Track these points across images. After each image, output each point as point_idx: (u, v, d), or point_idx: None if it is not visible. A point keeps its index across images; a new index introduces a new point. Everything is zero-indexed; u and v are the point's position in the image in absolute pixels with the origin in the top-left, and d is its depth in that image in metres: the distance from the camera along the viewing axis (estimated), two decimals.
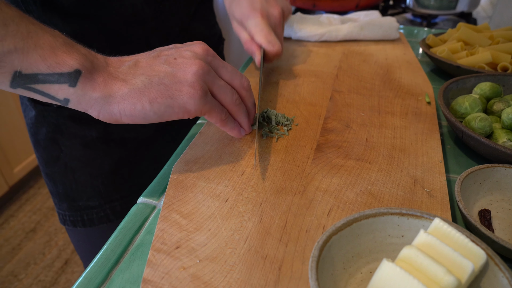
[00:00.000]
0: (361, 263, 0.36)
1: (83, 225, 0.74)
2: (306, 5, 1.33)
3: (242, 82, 0.50)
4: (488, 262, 0.32)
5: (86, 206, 0.73)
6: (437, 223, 0.34)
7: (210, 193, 0.44)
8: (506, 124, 0.52)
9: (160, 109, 0.42)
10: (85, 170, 0.71)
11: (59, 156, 0.70)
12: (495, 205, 0.46)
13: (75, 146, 0.69)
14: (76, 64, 0.39)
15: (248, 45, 0.66)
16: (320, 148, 0.51)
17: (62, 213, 0.74)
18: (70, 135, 0.68)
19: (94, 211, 0.73)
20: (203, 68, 0.44)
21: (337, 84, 0.69)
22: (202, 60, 0.45)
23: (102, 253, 0.40)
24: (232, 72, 0.49)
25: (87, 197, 0.72)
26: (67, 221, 0.74)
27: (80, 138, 0.68)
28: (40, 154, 0.71)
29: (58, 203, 0.74)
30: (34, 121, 0.68)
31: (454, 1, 1.25)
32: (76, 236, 0.80)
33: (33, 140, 0.71)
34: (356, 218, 0.35)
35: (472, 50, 0.77)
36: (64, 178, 0.71)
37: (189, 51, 0.45)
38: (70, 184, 0.71)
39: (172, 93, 0.42)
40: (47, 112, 0.66)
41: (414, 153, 0.51)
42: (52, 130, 0.68)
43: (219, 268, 0.36)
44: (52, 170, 0.71)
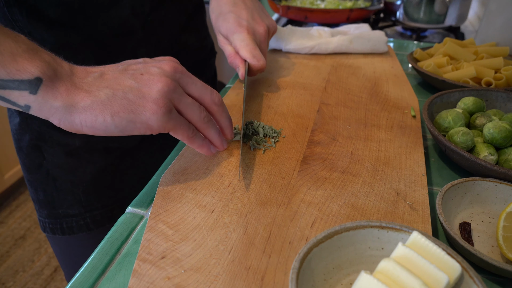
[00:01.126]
0: (341, 275, 0.37)
1: (62, 233, 0.74)
2: (298, 17, 1.35)
3: (213, 98, 0.49)
4: (463, 274, 0.33)
5: (66, 214, 0.73)
6: (415, 237, 0.35)
7: (196, 204, 0.45)
8: (488, 139, 0.53)
9: (122, 123, 0.42)
10: (67, 178, 0.71)
11: (41, 163, 0.70)
12: (475, 218, 0.47)
13: (58, 154, 0.69)
14: (37, 71, 0.39)
15: (232, 58, 0.67)
16: (306, 161, 0.53)
17: (42, 220, 0.74)
18: (53, 143, 0.68)
19: (74, 219, 0.73)
20: (168, 85, 0.44)
21: (325, 97, 0.70)
22: (169, 77, 0.45)
23: (89, 262, 0.41)
24: (201, 88, 0.48)
25: (67, 205, 0.72)
26: (47, 228, 0.74)
27: (63, 147, 0.68)
28: (23, 160, 0.72)
29: (38, 210, 0.74)
30: (18, 127, 0.69)
31: (443, 15, 1.27)
32: (56, 244, 0.80)
33: (16, 147, 0.71)
34: (337, 230, 0.36)
35: (457, 64, 0.79)
36: (45, 185, 0.71)
37: (157, 67, 0.45)
38: (51, 192, 0.71)
39: (135, 108, 0.42)
40: (30, 120, 0.66)
41: (398, 166, 0.52)
42: (35, 138, 0.68)
43: (203, 278, 0.37)
44: (34, 177, 0.71)
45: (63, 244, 0.78)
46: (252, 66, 0.65)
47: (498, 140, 0.52)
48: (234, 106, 0.66)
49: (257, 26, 0.69)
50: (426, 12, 1.29)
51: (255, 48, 0.65)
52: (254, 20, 0.69)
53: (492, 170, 0.48)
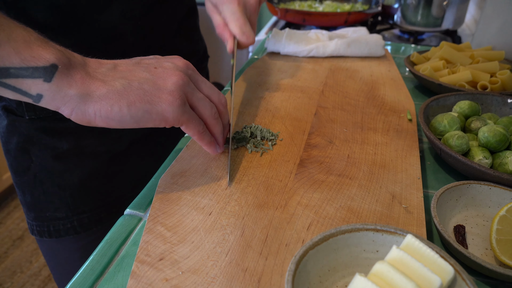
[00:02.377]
0: (337, 277, 0.37)
1: (49, 236, 0.73)
2: (296, 19, 1.36)
3: (220, 98, 0.51)
4: (456, 277, 0.34)
5: (53, 217, 0.72)
6: (409, 239, 0.35)
7: (194, 206, 0.46)
8: (482, 142, 0.54)
9: (138, 114, 0.41)
10: (54, 181, 0.70)
11: (29, 166, 0.69)
12: (470, 221, 0.48)
13: (46, 157, 0.68)
14: (53, 58, 0.38)
15: (221, 30, 0.65)
16: (303, 164, 0.53)
17: (30, 222, 0.74)
18: (41, 146, 0.68)
19: (61, 222, 0.73)
20: (183, 79, 0.45)
21: (322, 100, 0.70)
22: (182, 72, 0.46)
23: (88, 263, 0.41)
24: (210, 87, 0.50)
25: (55, 208, 0.72)
26: (34, 231, 0.74)
27: (51, 150, 0.68)
28: (11, 163, 0.71)
29: (26, 213, 0.74)
30: (5, 130, 0.68)
31: (440, 19, 1.28)
32: (44, 246, 0.79)
33: (4, 149, 0.71)
34: (332, 233, 0.37)
35: (453, 68, 0.79)
36: (33, 188, 0.71)
37: (170, 62, 0.46)
38: (38, 195, 0.71)
39: (151, 99, 0.42)
40: (18, 122, 0.66)
41: (394, 169, 0.53)
42: (23, 140, 0.67)
43: (200, 280, 0.37)
44: (22, 179, 0.71)
45: (51, 246, 0.78)
46: (241, 42, 0.64)
47: (493, 143, 0.53)
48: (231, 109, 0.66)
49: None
50: (424, 16, 1.30)
51: (245, 23, 0.63)
52: None
53: (487, 174, 0.49)
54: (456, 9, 1.27)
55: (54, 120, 0.66)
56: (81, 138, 0.69)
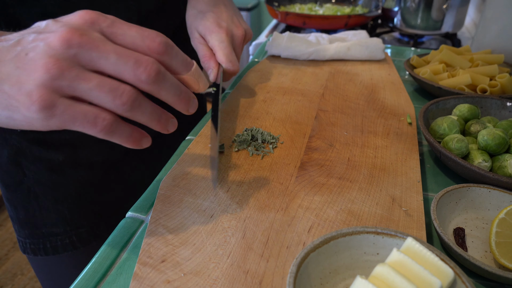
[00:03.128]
0: (337, 279, 0.37)
1: (45, 253, 0.70)
2: (296, 22, 1.36)
3: (150, 47, 0.36)
4: (456, 279, 0.34)
5: (50, 233, 0.70)
6: (410, 242, 0.36)
7: (196, 208, 0.46)
8: (482, 146, 0.54)
9: (1, 120, 0.34)
10: (50, 194, 0.68)
11: (21, 180, 0.67)
12: (469, 224, 0.48)
13: (40, 170, 0.66)
14: None
15: (207, 59, 0.65)
16: (304, 167, 0.53)
17: (22, 240, 0.71)
18: (34, 159, 0.66)
19: (59, 238, 0.70)
20: (49, 70, 0.32)
21: (322, 103, 0.71)
22: (56, 57, 0.32)
23: (90, 266, 0.42)
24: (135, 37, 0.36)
25: (52, 223, 0.69)
26: (27, 249, 0.70)
27: (46, 162, 0.66)
28: (1, 177, 0.68)
29: (18, 230, 0.71)
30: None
31: (440, 22, 1.29)
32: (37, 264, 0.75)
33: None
34: (333, 236, 0.37)
35: (453, 71, 0.80)
36: (27, 203, 0.68)
37: (44, 42, 0.32)
38: (33, 210, 0.68)
39: (9, 103, 0.33)
40: (9, 135, 0.64)
41: (394, 172, 0.53)
42: (15, 153, 0.65)
43: (202, 282, 0.37)
44: (14, 194, 0.68)
45: (45, 264, 0.74)
46: (226, 70, 0.64)
47: (492, 147, 0.53)
48: (232, 112, 0.67)
49: (235, 29, 0.68)
50: (423, 19, 1.31)
51: (232, 53, 0.64)
52: (233, 23, 0.68)
53: (486, 177, 0.49)
54: (455, 12, 1.28)
55: (47, 132, 0.64)
56: (76, 149, 0.67)
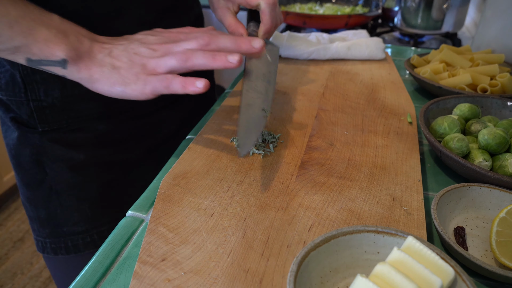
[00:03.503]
0: (338, 278, 0.37)
1: (66, 252, 0.71)
2: (297, 22, 1.36)
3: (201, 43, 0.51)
4: (456, 278, 0.34)
5: (72, 232, 0.70)
6: (410, 241, 0.36)
7: (196, 207, 0.46)
8: (482, 145, 0.54)
9: (119, 91, 0.50)
10: (72, 193, 0.69)
11: (43, 179, 0.67)
12: (470, 223, 0.48)
13: (61, 169, 0.67)
14: (62, 55, 0.48)
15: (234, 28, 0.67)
16: (304, 166, 0.53)
17: (41, 240, 0.71)
18: (56, 158, 0.66)
19: (80, 237, 0.70)
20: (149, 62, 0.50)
21: (323, 103, 0.71)
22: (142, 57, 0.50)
23: (90, 265, 0.42)
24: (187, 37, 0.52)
25: (73, 222, 0.70)
26: (47, 248, 0.71)
27: (67, 161, 0.66)
28: (21, 177, 0.69)
29: (37, 229, 0.71)
30: (16, 142, 0.66)
31: (440, 21, 1.29)
32: (54, 264, 0.76)
33: (14, 163, 0.69)
34: (334, 235, 0.37)
35: (453, 71, 0.80)
36: (48, 202, 0.69)
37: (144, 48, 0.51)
38: (55, 209, 0.69)
39: (124, 81, 0.49)
40: (31, 134, 0.65)
41: (394, 172, 0.53)
42: (37, 152, 0.66)
43: (202, 280, 0.37)
44: (35, 193, 0.69)
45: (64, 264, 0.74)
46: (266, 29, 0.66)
47: (493, 146, 0.53)
48: (232, 111, 0.67)
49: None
50: (424, 19, 1.30)
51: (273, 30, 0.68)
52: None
53: (487, 176, 0.49)
54: (456, 12, 1.28)
55: (68, 131, 0.65)
56: (96, 148, 0.68)
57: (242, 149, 0.47)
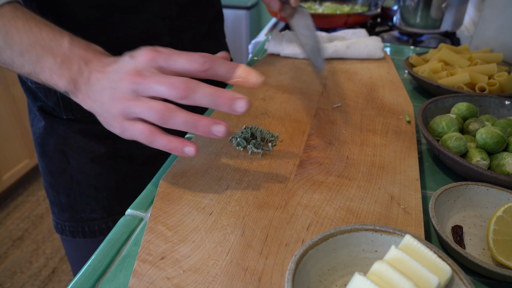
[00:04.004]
0: (336, 276, 0.38)
1: (83, 236, 0.75)
2: None
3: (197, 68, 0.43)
4: (453, 277, 0.34)
5: (89, 218, 0.74)
6: (408, 240, 0.36)
7: (195, 206, 0.46)
8: (480, 144, 0.55)
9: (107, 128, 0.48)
10: (91, 183, 0.72)
11: (66, 168, 0.71)
12: (467, 221, 0.48)
13: (83, 160, 0.70)
14: (64, 87, 0.47)
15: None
16: (303, 165, 0.54)
17: (61, 223, 0.75)
18: (78, 149, 0.70)
19: (96, 223, 0.75)
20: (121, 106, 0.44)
21: (322, 102, 0.71)
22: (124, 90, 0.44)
23: (90, 263, 0.42)
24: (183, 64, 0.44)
25: (91, 209, 0.74)
26: (66, 231, 0.75)
27: (89, 153, 0.70)
28: (46, 164, 0.73)
29: (57, 213, 0.75)
30: (42, 131, 0.70)
31: (439, 20, 1.29)
32: (71, 246, 0.80)
33: (39, 150, 0.72)
34: (332, 233, 0.37)
35: (452, 70, 0.80)
36: (69, 189, 0.72)
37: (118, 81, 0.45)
38: (75, 196, 0.73)
39: (109, 122, 0.46)
40: (56, 124, 0.68)
41: (392, 170, 0.53)
42: (61, 142, 0.69)
43: (201, 279, 0.38)
44: (57, 181, 0.72)
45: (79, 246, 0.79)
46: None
47: (490, 145, 0.53)
48: None
49: None
50: (423, 18, 1.30)
51: None
52: None
53: (484, 175, 0.49)
54: (454, 11, 1.28)
55: (91, 122, 0.67)
56: (117, 142, 0.71)
57: (319, 66, 0.54)
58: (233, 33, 2.68)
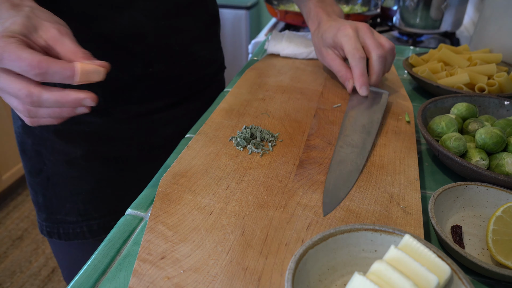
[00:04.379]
0: (336, 276, 0.38)
1: (58, 238, 0.75)
2: (296, 21, 1.36)
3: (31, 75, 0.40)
4: (453, 276, 0.34)
5: (63, 220, 0.73)
6: (407, 240, 0.36)
7: (195, 206, 0.46)
8: (479, 144, 0.55)
9: None
10: (66, 186, 0.71)
11: (42, 169, 0.70)
12: (467, 221, 0.48)
13: (58, 162, 0.69)
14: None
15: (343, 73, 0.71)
16: (303, 164, 0.54)
17: (40, 222, 0.75)
18: (53, 150, 0.69)
19: (71, 226, 0.74)
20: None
21: (321, 102, 0.71)
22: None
23: (90, 263, 0.42)
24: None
25: (65, 212, 0.73)
26: (44, 231, 0.75)
27: (64, 155, 0.69)
28: (25, 163, 0.73)
29: (37, 212, 0.75)
30: (21, 130, 0.69)
31: (439, 21, 1.29)
32: (55, 246, 0.81)
33: (20, 149, 0.72)
34: (332, 233, 0.37)
35: (451, 70, 0.80)
36: (45, 190, 0.72)
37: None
38: (50, 197, 0.72)
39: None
40: None
41: (392, 170, 0.53)
42: (37, 143, 0.68)
43: (201, 278, 0.38)
44: (35, 180, 0.72)
45: (61, 246, 0.79)
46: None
47: (490, 145, 0.54)
48: (231, 110, 0.67)
49: (359, 24, 0.71)
50: (422, 18, 1.31)
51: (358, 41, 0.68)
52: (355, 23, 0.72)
53: (484, 175, 0.49)
54: (454, 11, 1.28)
55: (67, 123, 0.66)
56: (93, 144, 0.70)
57: (326, 207, 0.46)
58: (233, 33, 2.68)
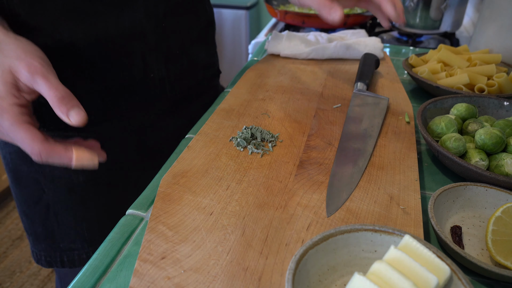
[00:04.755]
0: (336, 276, 0.38)
1: (61, 266, 0.71)
2: (295, 21, 1.37)
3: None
4: (452, 276, 0.34)
5: (68, 248, 0.70)
6: (407, 240, 0.36)
7: (196, 206, 0.46)
8: (479, 144, 0.55)
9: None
10: (69, 213, 0.68)
11: (41, 197, 0.67)
12: (466, 222, 0.48)
13: (59, 190, 0.66)
14: None
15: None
16: (303, 165, 0.54)
17: (37, 252, 0.71)
18: (53, 178, 0.66)
19: (76, 253, 0.71)
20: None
21: (321, 102, 0.71)
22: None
23: (90, 263, 0.42)
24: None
25: (70, 240, 0.70)
26: (41, 260, 0.71)
27: (66, 182, 0.66)
28: (20, 191, 0.68)
29: (33, 242, 0.71)
30: (14, 156, 0.65)
31: (438, 21, 1.29)
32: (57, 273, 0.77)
33: (11, 176, 0.68)
34: (332, 233, 0.38)
35: (451, 71, 0.80)
36: (45, 219, 0.68)
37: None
38: (52, 226, 0.68)
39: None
40: None
41: (392, 171, 0.54)
42: (35, 170, 0.65)
43: (202, 278, 0.38)
44: (32, 210, 0.68)
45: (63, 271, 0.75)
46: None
47: (489, 146, 0.54)
48: (232, 111, 0.67)
49: None
50: (422, 18, 1.31)
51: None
52: None
53: (483, 176, 0.49)
54: (454, 11, 1.28)
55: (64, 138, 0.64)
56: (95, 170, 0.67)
57: (329, 208, 0.46)
58: (232, 33, 2.67)
